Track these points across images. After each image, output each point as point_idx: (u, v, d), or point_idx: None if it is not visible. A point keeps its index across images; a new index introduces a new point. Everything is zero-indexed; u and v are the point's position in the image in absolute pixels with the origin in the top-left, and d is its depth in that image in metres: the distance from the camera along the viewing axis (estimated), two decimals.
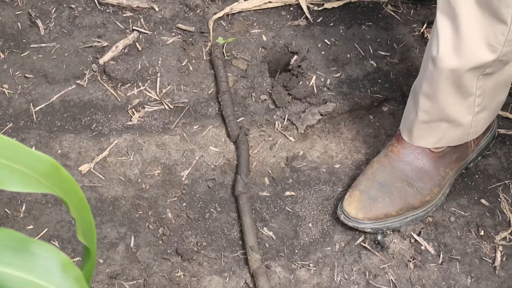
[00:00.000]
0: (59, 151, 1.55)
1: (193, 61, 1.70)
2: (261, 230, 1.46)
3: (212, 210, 1.48)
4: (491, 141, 1.55)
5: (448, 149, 1.45)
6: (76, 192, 0.94)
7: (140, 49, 1.71)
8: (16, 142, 0.90)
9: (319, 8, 1.77)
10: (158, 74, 1.67)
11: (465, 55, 1.27)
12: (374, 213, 1.42)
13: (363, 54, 1.71)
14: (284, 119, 1.62)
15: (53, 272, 0.86)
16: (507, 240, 1.44)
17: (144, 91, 1.65)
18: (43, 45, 1.71)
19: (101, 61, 1.69)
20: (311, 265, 1.41)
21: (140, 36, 1.72)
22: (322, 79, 1.67)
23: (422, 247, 1.43)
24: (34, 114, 1.61)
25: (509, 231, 1.46)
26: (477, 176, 1.54)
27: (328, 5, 1.78)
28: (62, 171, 0.91)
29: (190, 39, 1.72)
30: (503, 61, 1.29)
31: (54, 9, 1.76)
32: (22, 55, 1.70)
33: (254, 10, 1.78)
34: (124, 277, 1.39)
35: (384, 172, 1.45)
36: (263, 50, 1.72)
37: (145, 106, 1.63)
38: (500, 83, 1.37)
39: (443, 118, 1.38)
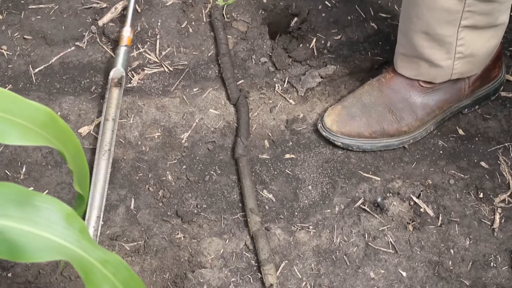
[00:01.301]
0: (59, 113, 1.55)
1: (193, 23, 1.69)
2: (261, 192, 1.46)
3: (212, 172, 1.49)
4: (493, 93, 1.55)
5: (439, 87, 1.47)
6: (72, 141, 0.94)
7: (139, 10, 1.69)
8: (14, 94, 0.90)
9: None
10: (158, 36, 1.66)
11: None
12: (348, 129, 1.48)
13: (364, 16, 1.70)
14: (284, 81, 1.61)
15: (57, 224, 0.87)
16: (506, 202, 1.45)
17: (143, 53, 1.64)
18: (41, 6, 1.70)
19: (100, 22, 1.68)
20: (310, 227, 1.42)
21: None
22: (323, 42, 1.66)
23: (421, 210, 1.44)
24: (33, 76, 1.60)
25: (508, 193, 1.46)
26: (477, 139, 1.54)
27: None
28: (59, 121, 0.92)
29: (190, 1, 1.71)
30: (476, 12, 1.33)
31: None
32: (20, 16, 1.68)
33: None
34: (125, 239, 1.39)
35: (371, 95, 1.50)
36: (263, 12, 1.70)
37: (145, 68, 1.62)
38: (485, 35, 1.40)
39: (420, 57, 1.43)
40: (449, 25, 1.36)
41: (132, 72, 1.62)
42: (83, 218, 1.35)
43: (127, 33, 1.61)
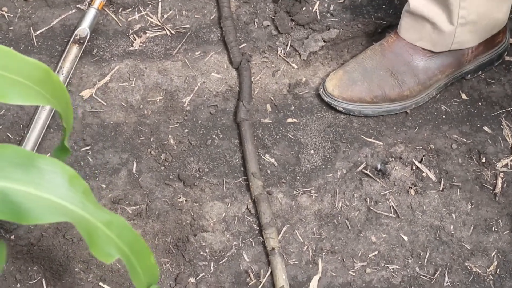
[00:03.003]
0: None
1: None
2: (263, 156, 1.46)
3: (214, 136, 1.48)
4: (497, 58, 1.55)
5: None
6: (64, 97, 0.93)
7: None
8: (11, 50, 0.89)
9: None
10: None
11: None
12: (349, 94, 1.47)
13: None
14: (286, 45, 1.60)
15: (60, 186, 0.86)
16: (509, 167, 1.45)
17: (145, 16, 1.63)
18: None
19: None
20: (312, 191, 1.42)
21: None
22: (326, 5, 1.65)
23: (424, 174, 1.44)
24: (34, 39, 1.59)
25: (511, 158, 1.46)
26: (480, 103, 1.53)
27: None
28: (54, 77, 0.91)
29: None
30: None
31: None
32: None
33: None
34: (127, 202, 1.40)
35: (373, 60, 1.50)
36: None
37: (147, 31, 1.61)
38: (491, 2, 1.39)
39: (425, 17, 1.42)
40: None
41: (134, 35, 1.60)
42: None
43: None
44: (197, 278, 1.33)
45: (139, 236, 0.91)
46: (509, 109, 1.52)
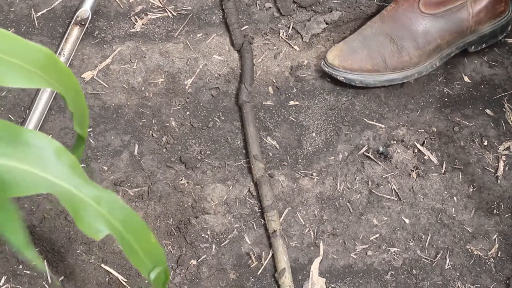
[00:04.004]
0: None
1: None
2: (264, 139, 1.46)
3: (215, 119, 1.48)
4: (500, 31, 1.53)
5: (441, 15, 1.47)
6: (72, 82, 0.92)
7: None
8: (14, 35, 0.88)
9: None
10: None
11: None
12: (350, 62, 1.48)
13: None
14: (288, 27, 1.60)
15: (45, 160, 0.84)
16: (510, 150, 1.45)
17: None
18: None
19: None
20: (314, 174, 1.42)
21: None
22: None
23: (425, 157, 1.43)
24: (35, 20, 1.59)
25: None
26: (482, 86, 1.53)
27: None
28: (59, 63, 0.90)
29: None
30: None
31: None
32: None
33: None
34: (128, 184, 1.40)
35: (373, 27, 1.51)
36: None
37: (148, 13, 1.61)
38: None
39: None
40: None
41: (136, 17, 1.60)
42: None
43: None
44: (199, 260, 1.33)
45: (134, 212, 0.88)
46: None
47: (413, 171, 1.42)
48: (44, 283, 1.30)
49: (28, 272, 1.30)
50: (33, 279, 1.30)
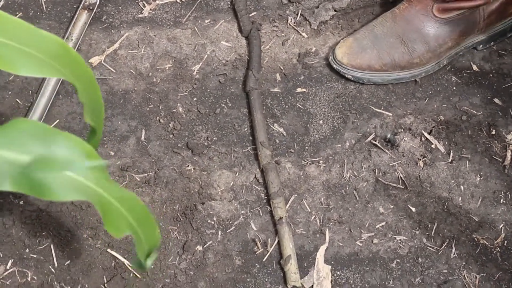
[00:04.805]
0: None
1: None
2: (271, 126, 1.46)
3: (223, 105, 1.48)
4: (510, 30, 1.53)
5: (453, 18, 1.45)
6: (85, 72, 0.93)
7: None
8: (26, 23, 0.88)
9: None
10: None
11: None
12: (358, 61, 1.47)
13: None
14: (297, 14, 1.59)
15: (79, 163, 0.85)
16: None
17: None
18: None
19: None
20: (321, 161, 1.42)
21: None
22: None
23: (433, 146, 1.43)
24: (43, 4, 1.59)
25: None
26: (491, 75, 1.52)
27: None
28: (71, 52, 0.90)
29: None
30: None
31: None
32: None
33: None
34: (135, 170, 1.40)
35: (384, 26, 1.49)
36: None
37: None
38: None
39: None
40: None
41: (144, 2, 1.60)
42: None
43: None
44: (205, 246, 1.33)
45: (148, 210, 0.91)
46: None
47: (420, 159, 1.42)
48: (50, 267, 1.30)
49: (35, 256, 1.31)
50: (40, 262, 1.30)
